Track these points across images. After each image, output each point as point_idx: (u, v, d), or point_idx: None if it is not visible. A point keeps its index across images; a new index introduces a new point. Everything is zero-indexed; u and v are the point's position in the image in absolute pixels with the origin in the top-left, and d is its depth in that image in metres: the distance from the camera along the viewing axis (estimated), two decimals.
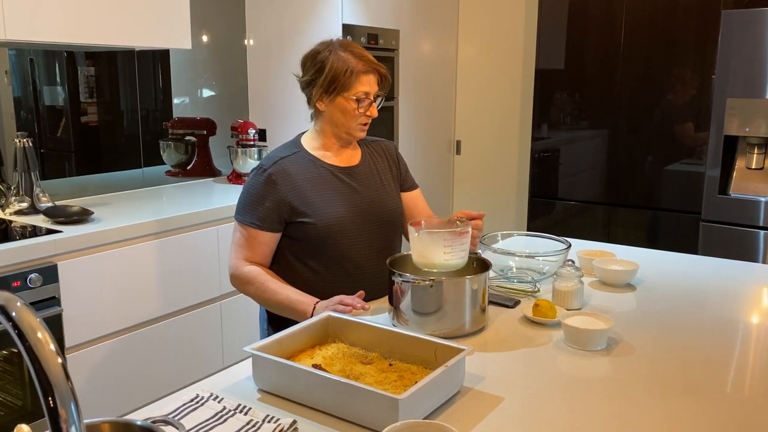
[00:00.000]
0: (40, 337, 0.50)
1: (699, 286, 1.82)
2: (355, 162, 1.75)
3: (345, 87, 1.64)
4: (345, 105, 1.65)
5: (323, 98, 1.67)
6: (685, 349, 1.39)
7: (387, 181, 1.78)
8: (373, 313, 1.58)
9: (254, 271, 1.65)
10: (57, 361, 0.50)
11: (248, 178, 1.71)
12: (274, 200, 1.63)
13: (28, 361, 0.50)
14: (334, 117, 1.68)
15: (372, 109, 1.68)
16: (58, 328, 2.05)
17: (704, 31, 3.07)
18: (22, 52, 2.69)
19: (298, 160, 1.68)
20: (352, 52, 1.65)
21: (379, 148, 1.83)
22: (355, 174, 1.73)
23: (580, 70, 3.44)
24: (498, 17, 3.98)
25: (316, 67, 1.66)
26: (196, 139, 3.22)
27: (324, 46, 1.68)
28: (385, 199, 1.75)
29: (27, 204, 2.34)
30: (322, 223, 1.63)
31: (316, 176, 1.68)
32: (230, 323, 2.64)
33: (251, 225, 1.64)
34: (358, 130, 1.70)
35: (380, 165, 1.80)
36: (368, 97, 1.66)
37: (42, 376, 0.50)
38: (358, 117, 1.67)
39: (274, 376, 1.16)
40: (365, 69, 1.65)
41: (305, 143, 1.74)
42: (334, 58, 1.64)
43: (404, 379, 1.17)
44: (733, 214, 2.92)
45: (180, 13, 2.63)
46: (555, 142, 3.60)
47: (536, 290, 1.72)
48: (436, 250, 1.45)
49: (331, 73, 1.63)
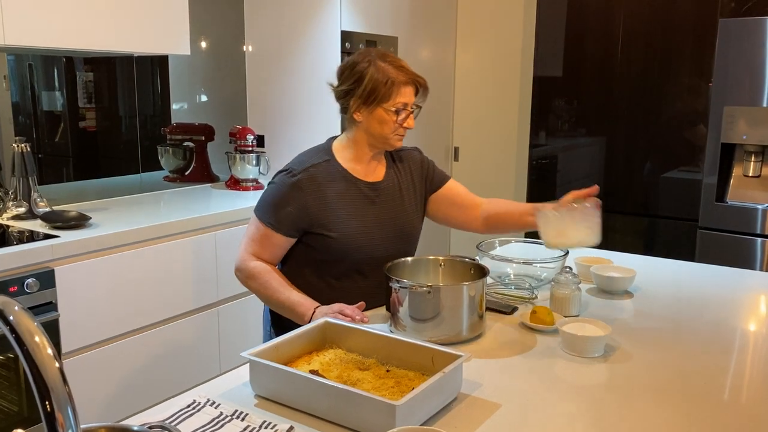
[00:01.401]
0: (38, 341, 0.50)
1: (696, 293, 1.82)
2: (379, 177, 1.74)
3: (384, 98, 1.62)
4: (383, 116, 1.64)
5: (361, 109, 1.65)
6: (683, 357, 1.39)
7: (408, 197, 1.77)
8: (370, 319, 1.58)
9: (260, 267, 1.65)
10: (54, 366, 0.50)
11: (276, 177, 1.69)
12: (296, 207, 1.62)
13: (26, 365, 0.50)
14: (371, 127, 1.66)
15: (410, 121, 1.66)
16: (55, 333, 2.04)
17: (701, 39, 3.09)
18: (21, 58, 2.70)
19: (329, 170, 1.67)
20: (392, 62, 1.64)
21: (405, 161, 1.81)
22: (380, 190, 1.72)
23: (577, 77, 3.45)
24: (496, 25, 3.99)
25: (355, 78, 1.64)
26: (194, 145, 3.22)
27: (362, 56, 1.66)
28: (403, 216, 1.74)
29: (24, 209, 2.34)
30: (343, 238, 1.63)
31: (344, 190, 1.67)
32: (228, 329, 2.63)
33: (268, 224, 1.64)
34: (396, 140, 1.69)
35: (403, 179, 1.78)
36: (406, 109, 1.65)
37: (39, 380, 0.49)
38: (395, 128, 1.66)
39: (271, 381, 1.16)
40: (405, 80, 1.63)
41: (336, 151, 1.72)
42: (374, 69, 1.62)
43: (401, 386, 1.17)
44: (731, 222, 2.92)
45: (179, 19, 2.63)
46: (553, 149, 3.61)
47: (534, 297, 1.72)
48: (577, 228, 1.45)
49: (371, 84, 1.61)
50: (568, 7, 3.44)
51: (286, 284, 1.64)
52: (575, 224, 1.45)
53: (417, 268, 1.61)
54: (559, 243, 1.46)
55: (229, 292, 2.61)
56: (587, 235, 1.47)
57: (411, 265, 1.60)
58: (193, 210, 2.56)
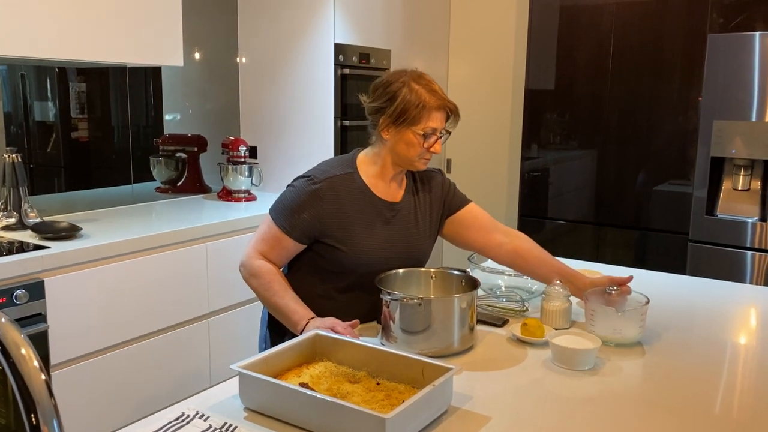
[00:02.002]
0: (24, 353, 0.50)
1: (687, 306, 1.83)
2: (398, 198, 1.73)
3: (414, 121, 1.61)
4: (411, 138, 1.62)
5: (390, 128, 1.64)
6: (673, 370, 1.39)
7: (423, 220, 1.75)
8: (360, 331, 1.58)
9: (264, 267, 1.64)
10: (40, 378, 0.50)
11: (297, 181, 1.68)
12: (312, 214, 1.62)
13: (11, 378, 0.50)
14: (397, 147, 1.65)
15: (437, 146, 1.65)
16: (44, 345, 2.03)
17: (691, 54, 3.12)
18: (14, 68, 2.70)
19: (350, 183, 1.66)
20: (425, 86, 1.63)
21: (425, 182, 1.79)
22: (396, 211, 1.71)
23: (569, 90, 3.48)
24: (488, 38, 4.02)
25: (387, 96, 1.64)
26: (186, 156, 3.22)
27: (397, 76, 1.66)
28: (415, 238, 1.72)
29: (15, 219, 2.32)
30: (353, 252, 1.63)
31: (363, 206, 1.66)
32: (218, 341, 2.62)
33: (281, 227, 1.64)
34: (421, 163, 1.67)
35: (421, 202, 1.76)
36: (435, 134, 1.63)
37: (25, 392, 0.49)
38: (422, 152, 1.64)
39: (260, 394, 1.16)
40: (437, 105, 1.62)
41: (360, 165, 1.71)
42: (407, 91, 1.61)
43: (392, 398, 1.16)
44: (721, 235, 2.94)
45: (172, 31, 2.64)
46: (544, 161, 3.63)
47: (525, 309, 1.72)
48: (633, 326, 1.50)
49: (402, 105, 1.61)
50: (559, 21, 3.47)
51: (287, 289, 1.63)
52: (632, 323, 1.50)
53: (408, 280, 1.61)
54: (613, 339, 1.50)
55: (220, 304, 2.60)
56: (640, 334, 1.53)
57: (402, 277, 1.60)
58: (185, 221, 2.55)
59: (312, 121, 3.23)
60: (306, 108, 3.24)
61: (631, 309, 1.51)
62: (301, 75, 3.22)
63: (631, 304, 1.55)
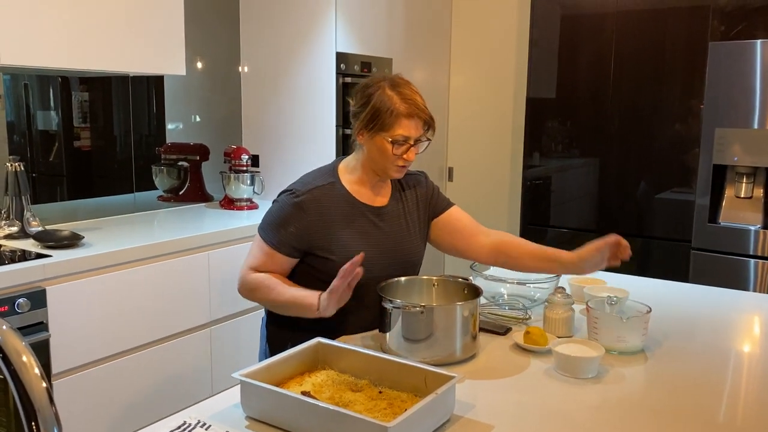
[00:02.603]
0: (25, 360, 0.50)
1: (690, 314, 1.82)
2: (384, 202, 1.72)
3: (384, 127, 1.59)
4: (383, 145, 1.61)
5: (363, 133, 1.63)
6: (676, 378, 1.38)
7: (412, 223, 1.75)
8: (362, 339, 1.57)
9: (260, 277, 1.63)
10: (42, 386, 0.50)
11: (280, 196, 1.68)
12: (298, 227, 1.61)
13: (12, 386, 0.50)
14: (371, 153, 1.65)
15: (409, 154, 1.62)
16: (46, 354, 2.02)
17: (692, 62, 3.13)
18: (17, 77, 2.71)
19: (333, 193, 1.65)
20: (400, 92, 1.60)
21: (410, 185, 1.78)
22: (383, 215, 1.70)
23: (570, 99, 3.48)
24: (490, 46, 4.03)
25: (363, 101, 1.63)
26: (188, 165, 3.23)
27: (376, 80, 1.64)
28: (407, 242, 1.72)
29: (17, 228, 2.33)
30: (344, 260, 1.58)
31: (347, 213, 1.65)
32: (220, 349, 2.62)
33: (270, 244, 1.63)
34: (394, 171, 1.66)
35: (408, 205, 1.76)
36: (407, 141, 1.61)
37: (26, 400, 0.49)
38: (394, 159, 1.62)
39: (262, 403, 1.15)
40: (407, 112, 1.59)
41: (342, 173, 1.70)
42: (381, 95, 1.60)
43: (394, 407, 1.16)
44: (723, 243, 2.93)
45: (174, 40, 2.65)
46: (546, 169, 3.63)
47: (527, 317, 1.71)
48: (636, 334, 1.49)
49: (373, 110, 1.60)
50: (560, 29, 3.48)
51: (286, 284, 1.61)
52: (635, 331, 1.50)
53: (410, 288, 1.60)
54: (616, 347, 1.49)
55: (222, 313, 2.59)
56: (642, 341, 1.52)
57: (404, 285, 1.60)
58: (187, 230, 2.55)
59: (314, 129, 3.23)
60: (308, 117, 3.24)
61: (633, 317, 1.50)
62: (303, 84, 3.23)
63: (633, 312, 1.55)
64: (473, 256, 1.76)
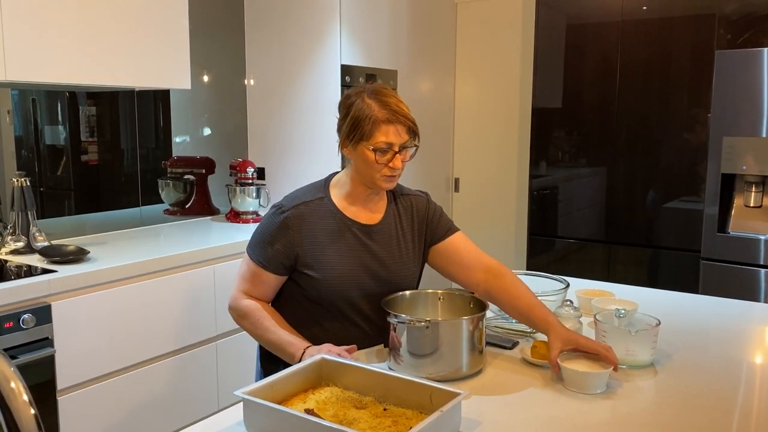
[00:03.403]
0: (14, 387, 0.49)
1: (700, 326, 1.79)
2: (376, 220, 1.65)
3: (365, 136, 1.54)
4: (366, 155, 1.55)
5: (347, 144, 1.59)
6: (688, 393, 1.36)
7: (405, 245, 1.68)
8: (367, 355, 1.55)
9: (251, 306, 1.62)
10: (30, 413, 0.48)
11: (267, 214, 1.66)
12: (283, 244, 1.59)
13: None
14: (357, 165, 1.60)
15: (395, 162, 1.56)
16: (51, 370, 2.02)
17: (699, 70, 3.11)
18: (25, 92, 2.72)
19: (320, 209, 1.61)
20: (379, 99, 1.55)
21: (408, 204, 1.71)
22: (374, 234, 1.64)
23: (577, 108, 3.47)
24: (495, 57, 4.03)
25: (344, 112, 1.60)
26: (194, 178, 3.23)
27: (356, 90, 1.61)
28: (398, 264, 1.65)
29: (23, 243, 2.33)
30: (327, 279, 1.58)
31: (334, 230, 1.61)
32: (226, 364, 2.60)
33: (257, 262, 1.61)
34: (383, 181, 1.59)
35: (403, 225, 1.69)
36: (391, 149, 1.55)
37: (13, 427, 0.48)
38: (379, 168, 1.56)
39: (265, 421, 1.14)
40: (387, 118, 1.54)
41: (333, 188, 1.66)
42: (360, 104, 1.55)
43: (399, 425, 1.14)
44: (733, 253, 2.90)
45: (180, 54, 2.66)
46: (553, 179, 3.61)
47: (533, 331, 1.69)
48: (646, 347, 1.47)
49: (353, 120, 1.56)
50: (566, 39, 3.47)
51: (278, 323, 1.60)
52: (644, 345, 1.48)
53: (415, 302, 1.59)
54: (626, 361, 1.47)
55: (228, 327, 2.58)
56: (652, 355, 1.50)
57: (409, 299, 1.58)
58: (193, 243, 2.55)
59: (319, 142, 3.23)
60: (313, 129, 3.24)
61: (642, 330, 1.48)
62: (308, 96, 3.23)
63: (643, 325, 1.52)
64: (470, 289, 1.66)
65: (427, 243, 1.72)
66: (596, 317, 1.55)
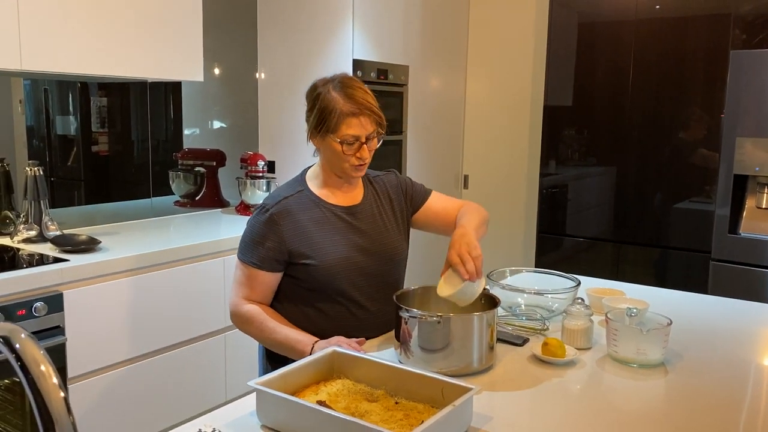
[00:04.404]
0: (44, 370, 0.49)
1: (710, 326, 1.79)
2: (357, 201, 1.70)
3: (331, 128, 1.57)
4: (333, 146, 1.59)
5: (314, 136, 1.62)
6: (698, 393, 1.36)
7: (389, 221, 1.73)
8: (379, 348, 1.56)
9: (253, 311, 1.62)
10: (59, 396, 0.49)
11: (251, 216, 1.67)
12: (274, 241, 1.60)
13: (30, 395, 0.49)
14: (326, 155, 1.64)
15: (362, 152, 1.59)
16: (62, 358, 2.03)
17: (713, 70, 3.09)
18: (37, 82, 2.74)
19: (302, 200, 1.65)
20: (345, 92, 1.57)
21: (381, 184, 1.77)
22: (357, 213, 1.68)
23: (588, 107, 3.46)
24: (506, 54, 4.02)
25: (310, 104, 1.62)
26: (205, 170, 3.24)
27: (323, 81, 1.62)
28: (386, 238, 1.70)
29: (35, 232, 2.34)
30: (324, 264, 1.60)
31: (319, 217, 1.64)
32: (234, 355, 2.61)
33: (251, 264, 1.61)
34: (352, 171, 1.63)
35: (383, 203, 1.74)
36: (358, 140, 1.58)
37: (43, 409, 0.48)
38: (347, 158, 1.60)
39: (277, 412, 1.14)
40: (352, 111, 1.56)
41: (309, 181, 1.70)
42: (324, 97, 1.57)
43: (410, 418, 1.14)
44: (744, 254, 2.89)
45: (193, 46, 2.67)
46: (563, 178, 3.60)
47: (545, 328, 1.69)
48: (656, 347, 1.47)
49: (319, 113, 1.58)
50: (578, 37, 3.46)
51: (282, 323, 1.61)
52: (655, 344, 1.47)
53: (427, 297, 1.59)
54: (636, 360, 1.48)
55: None
56: (663, 354, 1.50)
57: (421, 294, 1.58)
58: (203, 235, 2.56)
59: None
60: None
61: (654, 329, 1.48)
62: None
63: (654, 325, 1.52)
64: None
65: (409, 213, 1.79)
66: (607, 316, 1.54)
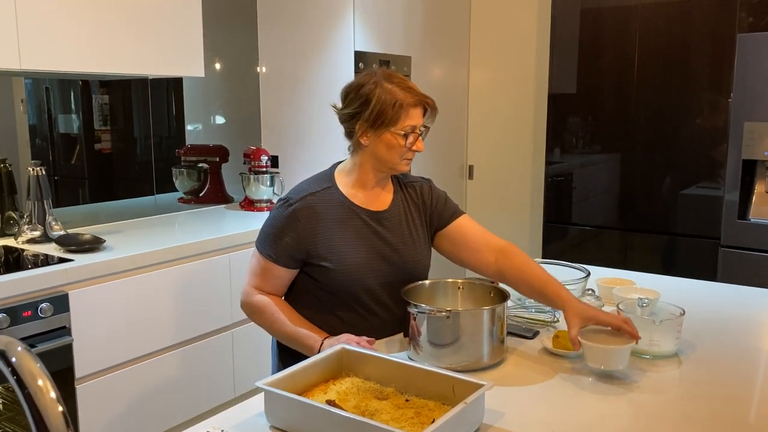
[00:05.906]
0: (41, 384, 0.47)
1: (722, 314, 1.76)
2: (385, 206, 1.65)
3: (392, 121, 1.54)
4: (391, 140, 1.56)
5: (368, 133, 1.57)
6: (714, 384, 1.33)
7: (415, 230, 1.67)
8: (387, 345, 1.54)
9: (264, 301, 1.60)
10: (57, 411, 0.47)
11: (274, 207, 1.64)
12: (293, 237, 1.57)
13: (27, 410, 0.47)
14: (378, 151, 1.59)
15: (419, 144, 1.58)
16: (69, 358, 2.02)
17: (720, 54, 3.05)
18: (38, 81, 2.72)
19: (328, 198, 1.60)
20: (399, 84, 1.56)
21: (414, 191, 1.71)
22: (383, 219, 1.64)
23: (592, 94, 3.42)
24: (509, 42, 3.97)
25: (361, 100, 1.57)
26: (208, 166, 3.22)
27: (368, 77, 1.59)
28: (410, 249, 1.65)
29: (39, 232, 2.33)
30: (341, 268, 1.57)
31: (344, 218, 1.59)
32: (242, 352, 2.60)
33: (267, 257, 1.59)
34: (403, 164, 1.61)
35: (411, 211, 1.69)
36: (415, 131, 1.57)
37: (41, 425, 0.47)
38: (404, 152, 1.58)
39: (286, 412, 1.13)
40: (413, 102, 1.56)
41: (338, 178, 1.65)
42: (381, 91, 1.54)
43: (421, 416, 1.12)
44: (754, 240, 2.86)
45: (193, 42, 2.64)
46: (569, 166, 3.57)
47: (555, 320, 1.67)
48: (670, 338, 1.45)
49: (378, 107, 1.54)
50: (581, 23, 3.41)
51: (293, 316, 1.58)
52: (669, 335, 1.44)
53: (435, 292, 1.57)
54: (650, 351, 1.44)
55: (243, 315, 2.57)
56: (676, 345, 1.46)
57: (429, 289, 1.57)
58: (208, 232, 2.54)
59: (333, 129, 3.20)
60: (327, 116, 3.22)
61: (667, 319, 1.45)
62: (322, 83, 3.20)
63: (666, 315, 1.50)
64: (480, 272, 1.66)
65: (433, 228, 1.71)
66: (619, 306, 1.52)
